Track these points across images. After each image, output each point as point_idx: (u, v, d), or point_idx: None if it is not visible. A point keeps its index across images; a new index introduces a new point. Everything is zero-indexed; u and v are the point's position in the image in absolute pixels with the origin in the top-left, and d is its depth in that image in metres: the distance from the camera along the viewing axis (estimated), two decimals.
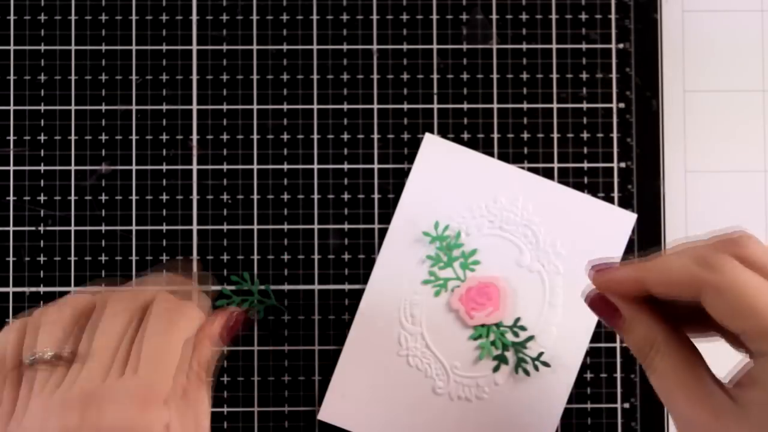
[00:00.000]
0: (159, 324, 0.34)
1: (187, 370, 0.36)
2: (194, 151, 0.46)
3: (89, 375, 0.33)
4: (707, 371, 0.32)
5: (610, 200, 0.45)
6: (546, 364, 0.44)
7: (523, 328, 0.44)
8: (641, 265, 0.33)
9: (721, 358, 0.34)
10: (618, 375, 0.45)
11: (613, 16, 0.46)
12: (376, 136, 0.46)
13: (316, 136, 0.46)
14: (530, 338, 0.44)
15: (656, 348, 0.33)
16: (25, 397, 0.33)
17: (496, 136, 0.46)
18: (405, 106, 0.46)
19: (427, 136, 0.45)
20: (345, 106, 0.46)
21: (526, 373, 0.44)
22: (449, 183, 0.45)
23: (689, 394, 0.32)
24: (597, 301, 0.35)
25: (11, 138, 0.45)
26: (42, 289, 0.45)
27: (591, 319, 0.45)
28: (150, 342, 0.34)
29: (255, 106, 0.46)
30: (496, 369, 0.44)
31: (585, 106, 0.46)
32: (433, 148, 0.45)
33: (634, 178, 0.46)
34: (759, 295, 0.29)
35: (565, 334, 0.44)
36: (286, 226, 0.45)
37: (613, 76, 0.46)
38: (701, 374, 0.32)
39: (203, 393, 0.37)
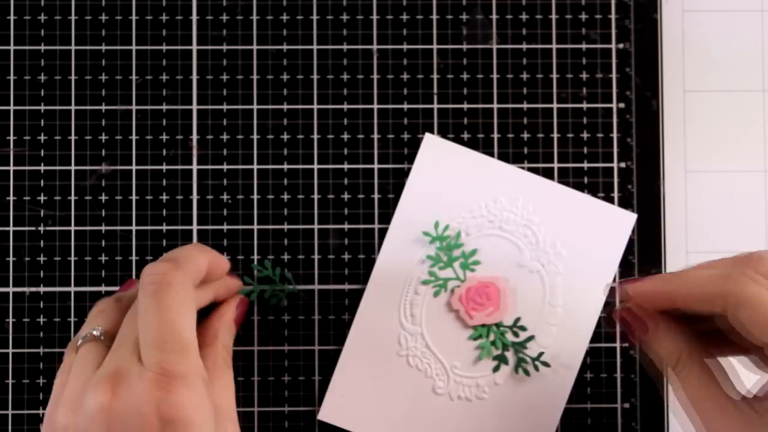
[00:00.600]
0: (147, 301, 0.34)
1: (202, 344, 0.36)
2: (194, 151, 0.46)
3: (119, 356, 0.34)
4: (732, 385, 0.33)
5: (610, 200, 0.45)
6: (546, 364, 0.44)
7: (523, 328, 0.44)
8: (669, 276, 0.34)
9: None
10: (618, 375, 0.45)
11: (613, 16, 0.46)
12: (376, 136, 0.46)
13: (316, 136, 0.46)
14: (530, 338, 0.44)
15: (683, 361, 0.34)
16: (74, 374, 0.35)
17: (496, 136, 0.46)
18: (405, 106, 0.46)
19: (427, 136, 0.45)
20: (345, 106, 0.46)
21: (526, 373, 0.44)
22: (449, 183, 0.45)
23: (718, 406, 0.32)
24: (625, 315, 0.37)
25: (11, 138, 0.45)
26: (42, 289, 0.45)
27: (591, 319, 0.45)
28: (143, 324, 0.34)
29: (255, 106, 0.46)
30: (496, 369, 0.44)
31: (585, 106, 0.46)
32: (433, 148, 0.45)
33: (634, 178, 0.46)
34: None
35: (565, 334, 0.44)
36: (286, 226, 0.45)
37: (613, 76, 0.46)
38: (728, 387, 0.33)
39: (226, 379, 0.38)
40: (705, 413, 0.33)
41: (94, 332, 0.36)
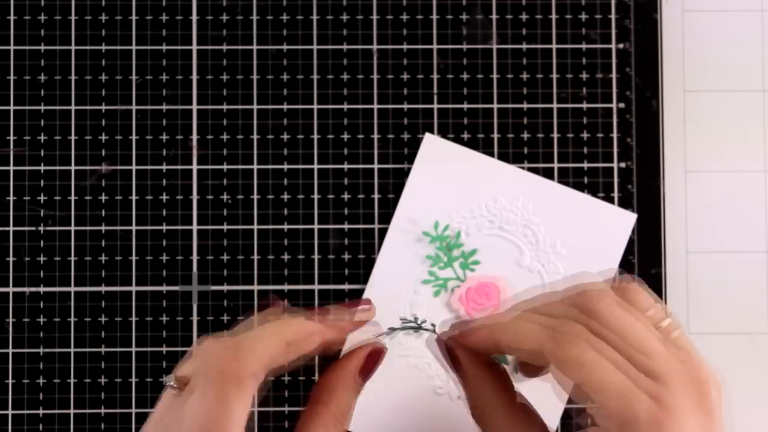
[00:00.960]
0: (204, 389, 0.30)
1: None
2: (194, 151, 0.46)
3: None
4: None
5: (610, 200, 0.45)
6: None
7: None
8: (496, 326, 0.34)
9: None
10: None
11: (613, 16, 0.46)
12: (376, 136, 0.46)
13: (316, 136, 0.46)
14: None
15: (486, 413, 0.34)
16: (152, 416, 0.32)
17: (496, 136, 0.46)
18: (405, 106, 0.46)
19: (427, 136, 0.45)
20: (345, 106, 0.46)
21: None
22: (449, 183, 0.45)
23: None
24: (444, 348, 0.36)
25: (11, 138, 0.45)
26: (42, 289, 0.45)
27: None
28: (188, 411, 0.30)
29: (255, 106, 0.46)
30: None
31: (585, 106, 0.46)
32: (433, 148, 0.45)
33: (634, 178, 0.46)
34: (606, 373, 0.30)
35: None
36: (286, 226, 0.45)
37: (613, 76, 0.46)
38: None
39: None
40: None
41: (171, 383, 0.32)
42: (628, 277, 0.33)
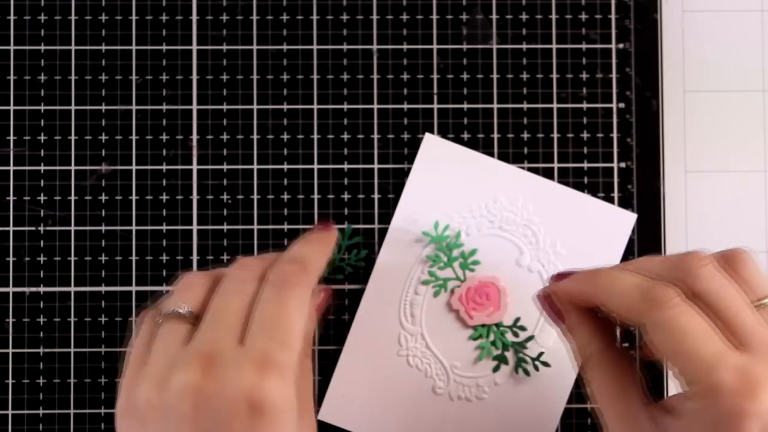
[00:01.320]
0: (272, 292, 0.34)
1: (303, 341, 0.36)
2: (194, 151, 0.46)
3: (213, 336, 0.33)
4: (638, 390, 0.33)
5: (610, 200, 0.45)
6: (546, 364, 0.44)
7: (523, 328, 0.44)
8: (593, 280, 0.35)
9: None
10: None
11: (613, 16, 0.46)
12: (376, 136, 0.46)
13: (316, 136, 0.46)
14: (530, 338, 0.44)
15: (591, 361, 0.35)
16: (158, 349, 0.33)
17: (496, 136, 0.46)
18: (405, 106, 0.46)
19: (427, 136, 0.45)
20: (345, 106, 0.46)
21: (526, 373, 0.44)
22: (449, 183, 0.45)
23: (617, 411, 0.33)
24: (545, 302, 0.37)
25: (11, 138, 0.45)
26: (42, 289, 0.45)
27: None
28: (260, 310, 0.33)
29: (255, 106, 0.46)
30: (496, 369, 0.44)
31: (585, 106, 0.46)
32: (433, 148, 0.45)
33: (634, 178, 0.46)
34: (694, 340, 0.30)
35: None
36: (285, 226, 0.45)
37: (613, 76, 0.46)
38: (631, 393, 0.33)
39: (308, 367, 0.37)
40: (607, 415, 0.34)
41: (181, 310, 0.35)
42: (739, 248, 0.33)
